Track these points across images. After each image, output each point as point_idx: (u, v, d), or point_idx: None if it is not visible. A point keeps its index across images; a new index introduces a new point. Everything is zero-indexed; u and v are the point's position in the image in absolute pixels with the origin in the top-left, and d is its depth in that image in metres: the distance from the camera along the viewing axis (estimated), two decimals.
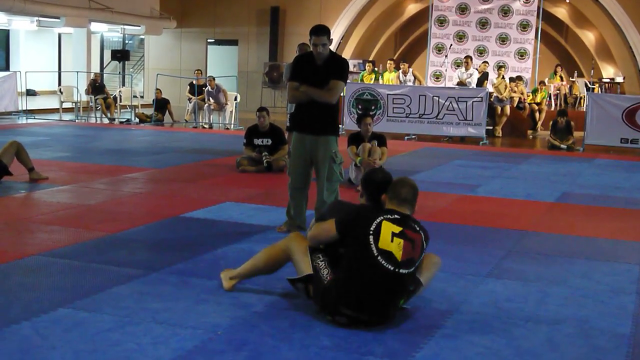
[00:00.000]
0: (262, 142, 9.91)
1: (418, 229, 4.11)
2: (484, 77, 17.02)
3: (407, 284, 4.08)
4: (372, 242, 3.94)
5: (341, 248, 4.12)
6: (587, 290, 4.86)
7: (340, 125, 7.46)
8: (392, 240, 3.95)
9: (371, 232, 3.95)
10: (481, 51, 19.69)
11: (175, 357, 3.50)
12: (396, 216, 4.05)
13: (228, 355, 3.55)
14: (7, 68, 24.14)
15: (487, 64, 17.79)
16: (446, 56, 19.08)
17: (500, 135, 16.34)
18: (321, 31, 5.78)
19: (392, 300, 4.02)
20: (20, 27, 23.61)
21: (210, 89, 16.97)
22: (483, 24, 19.72)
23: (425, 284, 4.28)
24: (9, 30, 25.05)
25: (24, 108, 18.02)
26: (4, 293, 4.38)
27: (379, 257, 3.93)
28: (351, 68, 19.48)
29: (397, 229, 3.99)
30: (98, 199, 7.53)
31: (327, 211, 4.50)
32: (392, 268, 3.93)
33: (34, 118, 17.75)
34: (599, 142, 14.22)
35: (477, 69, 17.19)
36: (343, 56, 7.88)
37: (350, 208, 4.28)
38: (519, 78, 17.69)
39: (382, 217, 4.01)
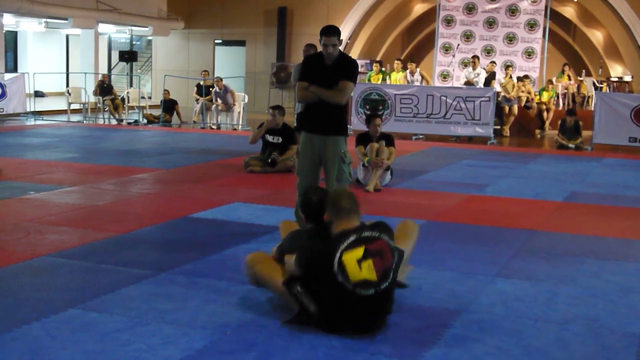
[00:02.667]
0: (274, 139, 9.93)
1: (377, 234, 3.86)
2: (491, 77, 16.98)
3: (392, 289, 3.98)
4: (342, 281, 3.74)
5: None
6: (597, 290, 4.84)
7: (348, 126, 7.44)
8: (360, 268, 3.74)
9: (336, 273, 3.74)
10: (489, 51, 19.65)
11: (184, 357, 3.51)
12: (351, 239, 3.79)
13: (237, 355, 3.55)
14: (15, 69, 24.22)
15: (494, 64, 17.73)
16: (454, 56, 19.06)
17: (508, 134, 16.30)
18: (332, 31, 5.77)
19: (385, 307, 3.95)
20: (28, 28, 23.68)
21: (217, 90, 16.98)
22: (490, 23, 19.67)
23: (408, 251, 4.21)
24: (17, 31, 25.15)
25: (32, 109, 18.07)
26: (14, 293, 4.40)
27: (356, 290, 3.76)
28: (359, 68, 19.48)
29: (360, 252, 3.76)
30: (106, 200, 7.55)
31: (285, 241, 4.31)
32: (372, 292, 3.79)
33: (42, 119, 17.81)
34: (608, 141, 14.17)
35: (484, 69, 17.14)
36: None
37: (306, 247, 3.94)
38: (526, 77, 17.64)
39: (339, 252, 3.74)
